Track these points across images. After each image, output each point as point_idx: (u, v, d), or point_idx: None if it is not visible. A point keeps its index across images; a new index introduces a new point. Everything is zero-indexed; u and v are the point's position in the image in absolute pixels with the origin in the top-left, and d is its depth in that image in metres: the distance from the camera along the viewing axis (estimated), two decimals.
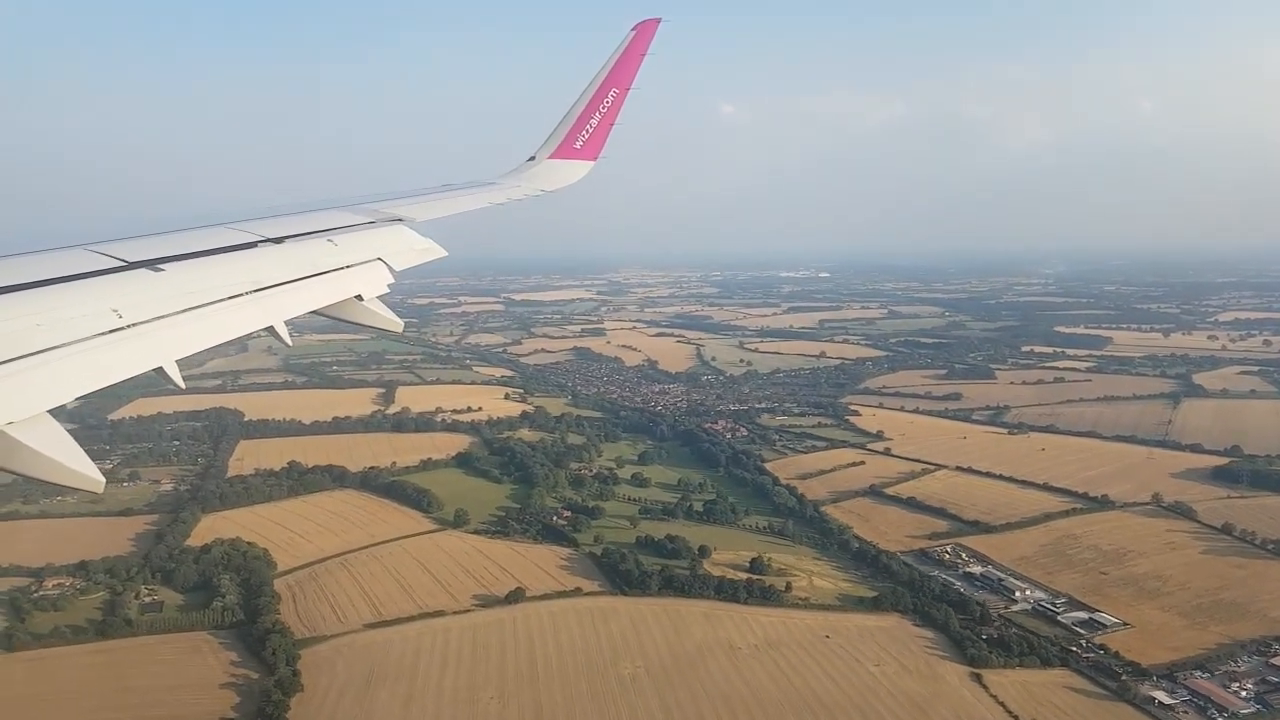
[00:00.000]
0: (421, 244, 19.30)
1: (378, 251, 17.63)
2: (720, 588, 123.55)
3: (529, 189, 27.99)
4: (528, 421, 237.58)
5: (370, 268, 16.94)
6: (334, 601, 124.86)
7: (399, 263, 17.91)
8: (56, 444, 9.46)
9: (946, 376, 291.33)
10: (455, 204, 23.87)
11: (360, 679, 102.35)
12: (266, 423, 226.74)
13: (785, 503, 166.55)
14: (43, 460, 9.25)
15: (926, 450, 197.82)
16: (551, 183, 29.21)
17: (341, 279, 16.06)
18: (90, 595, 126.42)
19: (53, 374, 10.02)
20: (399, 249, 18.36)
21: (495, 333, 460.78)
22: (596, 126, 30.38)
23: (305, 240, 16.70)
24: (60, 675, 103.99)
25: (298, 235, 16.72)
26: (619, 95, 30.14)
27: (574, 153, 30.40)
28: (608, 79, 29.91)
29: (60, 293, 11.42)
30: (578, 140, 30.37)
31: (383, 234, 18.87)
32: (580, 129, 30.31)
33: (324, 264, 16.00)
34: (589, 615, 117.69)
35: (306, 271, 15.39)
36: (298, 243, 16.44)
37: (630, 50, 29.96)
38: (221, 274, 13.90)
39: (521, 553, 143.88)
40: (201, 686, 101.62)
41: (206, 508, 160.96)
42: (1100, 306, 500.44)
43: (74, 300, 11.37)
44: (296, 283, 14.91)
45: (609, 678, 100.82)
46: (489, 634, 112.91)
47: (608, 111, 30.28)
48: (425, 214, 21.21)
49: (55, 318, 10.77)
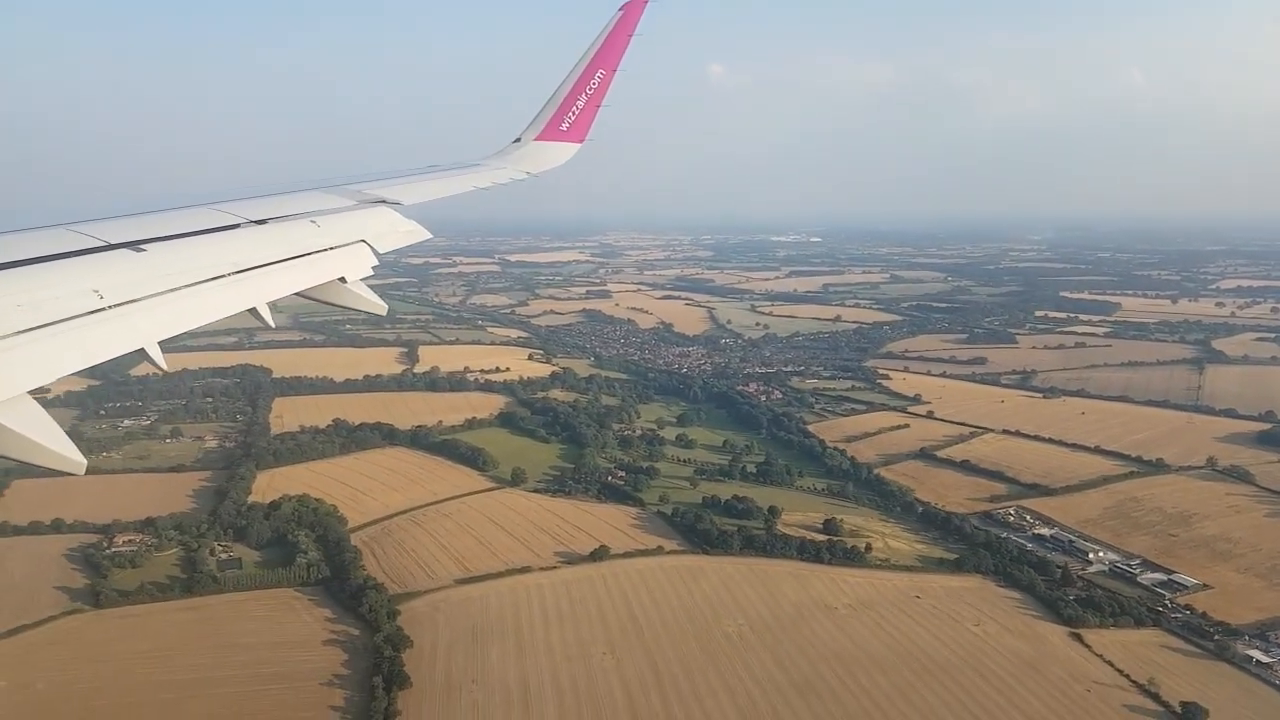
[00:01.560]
0: (405, 226, 19.22)
1: (361, 233, 17.50)
2: (802, 548, 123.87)
3: (514, 171, 27.78)
4: (558, 382, 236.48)
5: (354, 250, 16.82)
6: (417, 557, 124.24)
7: (383, 245, 17.78)
8: (36, 425, 9.37)
9: (967, 341, 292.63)
10: (440, 186, 23.63)
11: (464, 634, 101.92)
12: (299, 380, 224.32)
13: (838, 465, 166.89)
14: (23, 441, 9.13)
15: (967, 414, 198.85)
16: (537, 165, 28.97)
17: (325, 261, 15.93)
18: (165, 552, 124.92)
19: (33, 355, 9.89)
20: (383, 231, 18.25)
21: (499, 294, 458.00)
22: (583, 108, 29.97)
23: (288, 222, 16.49)
24: (157, 632, 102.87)
25: (281, 217, 16.51)
26: (606, 76, 29.74)
27: (560, 134, 30.02)
28: (594, 60, 29.46)
29: (40, 273, 11.19)
30: (564, 122, 29.97)
31: (366, 216, 18.74)
32: (567, 110, 29.91)
33: (307, 246, 15.86)
34: (676, 573, 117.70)
35: (289, 253, 15.21)
36: (280, 224, 16.21)
37: (617, 31, 29.48)
38: (204, 255, 13.74)
39: (589, 511, 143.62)
40: (304, 643, 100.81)
41: (261, 464, 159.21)
42: (1100, 273, 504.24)
43: (54, 281, 11.15)
44: (279, 264, 14.76)
45: (715, 635, 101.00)
46: (582, 590, 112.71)
47: (594, 93, 29.89)
48: (409, 196, 20.97)
49: (35, 298, 10.55)
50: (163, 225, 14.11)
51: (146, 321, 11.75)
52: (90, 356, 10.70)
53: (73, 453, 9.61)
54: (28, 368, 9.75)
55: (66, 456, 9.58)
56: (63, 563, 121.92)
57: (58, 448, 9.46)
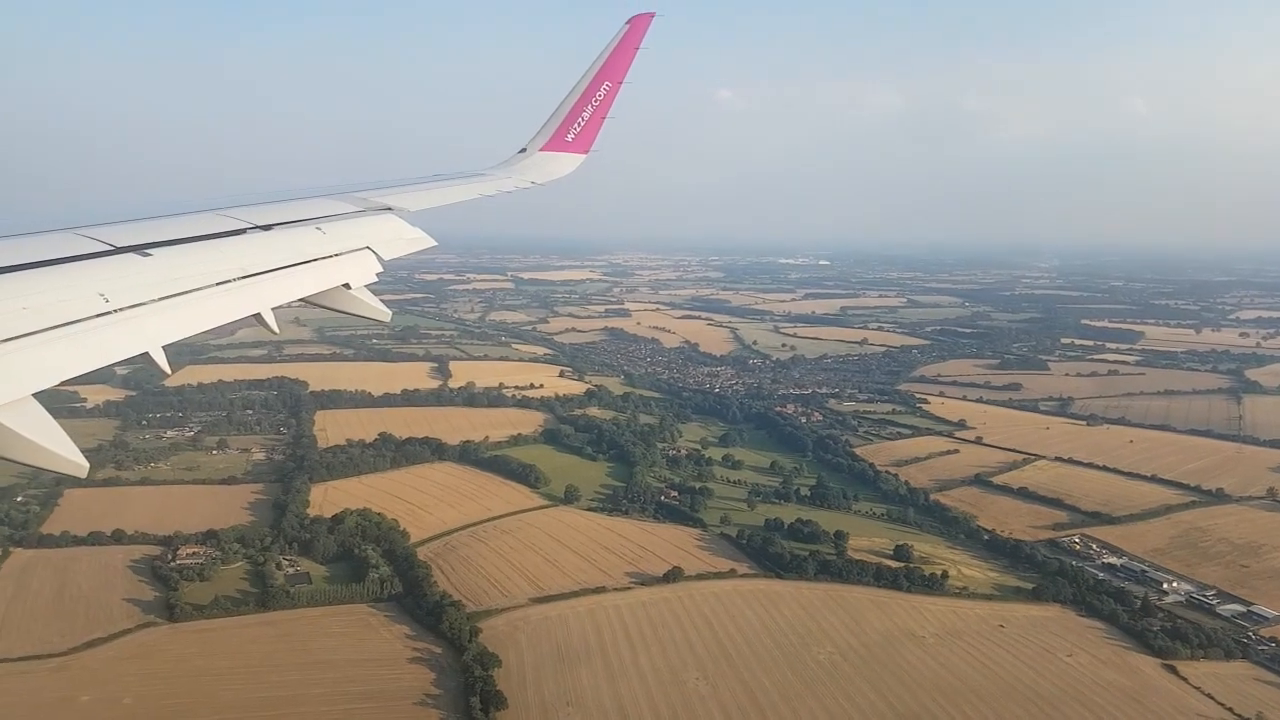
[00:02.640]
0: (411, 233, 19.16)
1: (367, 240, 17.49)
2: (879, 574, 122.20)
3: (520, 181, 27.65)
4: (594, 400, 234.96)
5: (359, 256, 16.83)
6: (486, 574, 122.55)
7: (388, 252, 17.75)
8: (40, 428, 9.36)
9: (999, 366, 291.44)
10: (445, 194, 23.52)
11: (549, 655, 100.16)
12: (338, 393, 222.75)
13: (894, 490, 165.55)
14: (27, 444, 9.13)
15: (1014, 440, 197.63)
16: (542, 175, 28.87)
17: (330, 267, 15.90)
18: (231, 565, 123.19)
19: (38, 358, 9.87)
20: (388, 238, 18.23)
21: (517, 310, 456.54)
22: (589, 120, 30.02)
23: (294, 228, 16.51)
24: (236, 647, 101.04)
25: (287, 223, 16.52)
26: (612, 89, 29.79)
27: (566, 145, 30.05)
28: (601, 72, 29.51)
29: (46, 276, 11.19)
30: (570, 133, 30.01)
31: (372, 223, 18.72)
32: (572, 122, 29.96)
33: (312, 252, 15.83)
34: (754, 598, 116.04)
35: (295, 259, 15.23)
36: (286, 230, 16.23)
37: (624, 44, 29.59)
38: (210, 260, 13.73)
39: (650, 531, 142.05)
40: (389, 661, 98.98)
41: (314, 477, 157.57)
42: (1116, 301, 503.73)
43: (60, 284, 11.15)
44: (284, 270, 14.75)
45: (807, 662, 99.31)
46: (660, 613, 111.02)
47: (600, 105, 29.94)
48: (415, 203, 20.97)
49: (41, 301, 10.55)
50: (169, 230, 14.08)
51: (152, 325, 11.70)
52: (95, 360, 10.59)
53: (75, 455, 9.55)
54: (33, 370, 9.70)
55: (69, 459, 9.53)
56: (128, 574, 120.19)
57: (61, 450, 9.43)
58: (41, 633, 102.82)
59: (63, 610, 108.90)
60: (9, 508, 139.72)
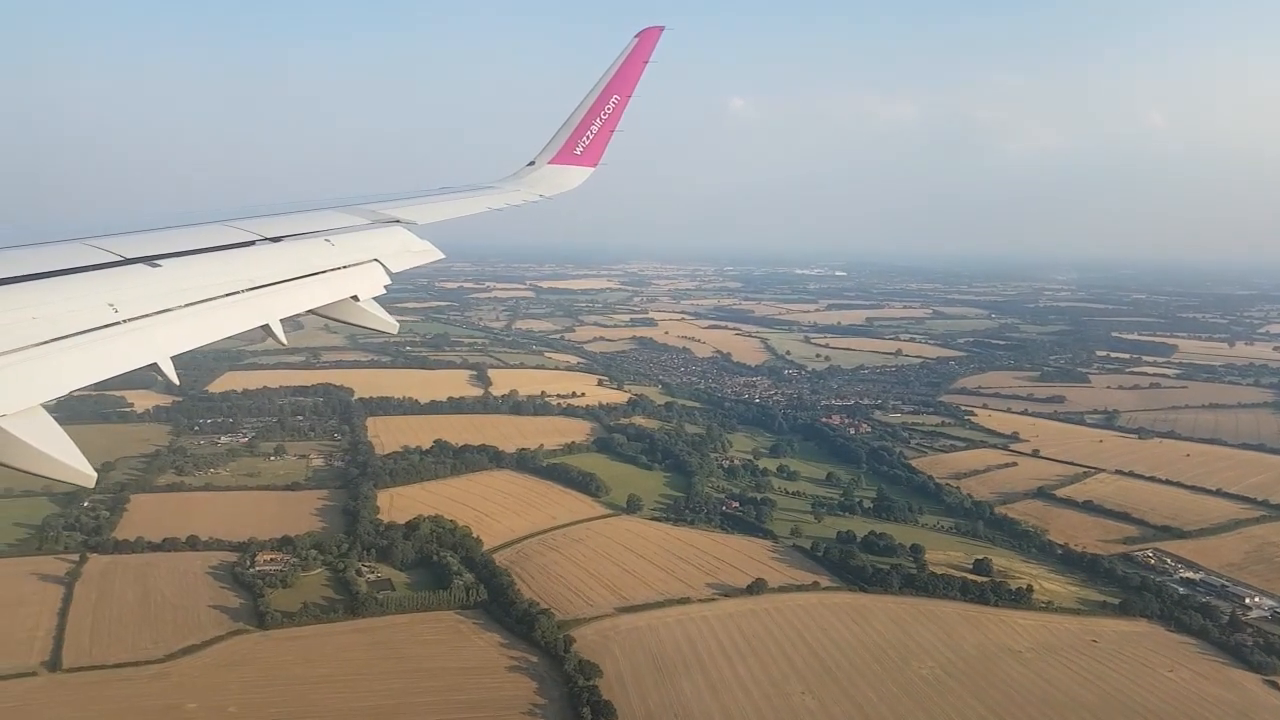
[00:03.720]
0: (419, 246, 19.22)
1: (375, 253, 17.56)
2: (965, 588, 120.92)
3: (528, 194, 27.83)
4: (638, 409, 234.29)
5: (367, 269, 16.92)
6: (566, 583, 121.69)
7: (396, 264, 17.85)
8: (49, 438, 9.38)
9: (1040, 379, 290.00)
10: (453, 207, 23.60)
11: (646, 665, 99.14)
12: (387, 400, 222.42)
13: (957, 503, 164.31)
14: (35, 454, 9.17)
15: (1070, 453, 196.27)
16: (551, 188, 29.07)
17: (338, 279, 16.01)
18: (311, 571, 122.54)
19: (47, 367, 9.92)
20: (396, 251, 18.32)
21: (541, 319, 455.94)
22: (597, 133, 30.15)
23: (303, 240, 16.58)
24: (332, 655, 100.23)
25: (295, 235, 16.60)
26: (620, 102, 29.92)
27: (574, 159, 30.21)
28: (609, 86, 29.61)
29: (57, 286, 11.25)
30: (578, 146, 30.15)
31: (380, 235, 18.81)
32: (581, 135, 30.09)
33: (321, 264, 15.93)
34: (842, 611, 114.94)
35: (303, 271, 15.32)
36: (295, 242, 16.31)
37: (633, 58, 29.66)
38: (219, 271, 13.83)
39: (720, 541, 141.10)
40: (488, 670, 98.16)
41: (378, 484, 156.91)
42: (1142, 314, 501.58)
43: (70, 294, 11.22)
44: (293, 282, 14.85)
45: (910, 678, 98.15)
46: (750, 625, 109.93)
47: (609, 118, 30.05)
48: (423, 216, 21.01)
49: (51, 311, 10.61)
50: (179, 241, 14.18)
51: (161, 336, 11.73)
52: (104, 370, 10.64)
53: (83, 466, 9.54)
54: (42, 380, 9.76)
55: (78, 470, 9.51)
56: (208, 580, 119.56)
57: (69, 460, 9.41)
58: (133, 639, 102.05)
59: (150, 616, 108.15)
60: (79, 513, 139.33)
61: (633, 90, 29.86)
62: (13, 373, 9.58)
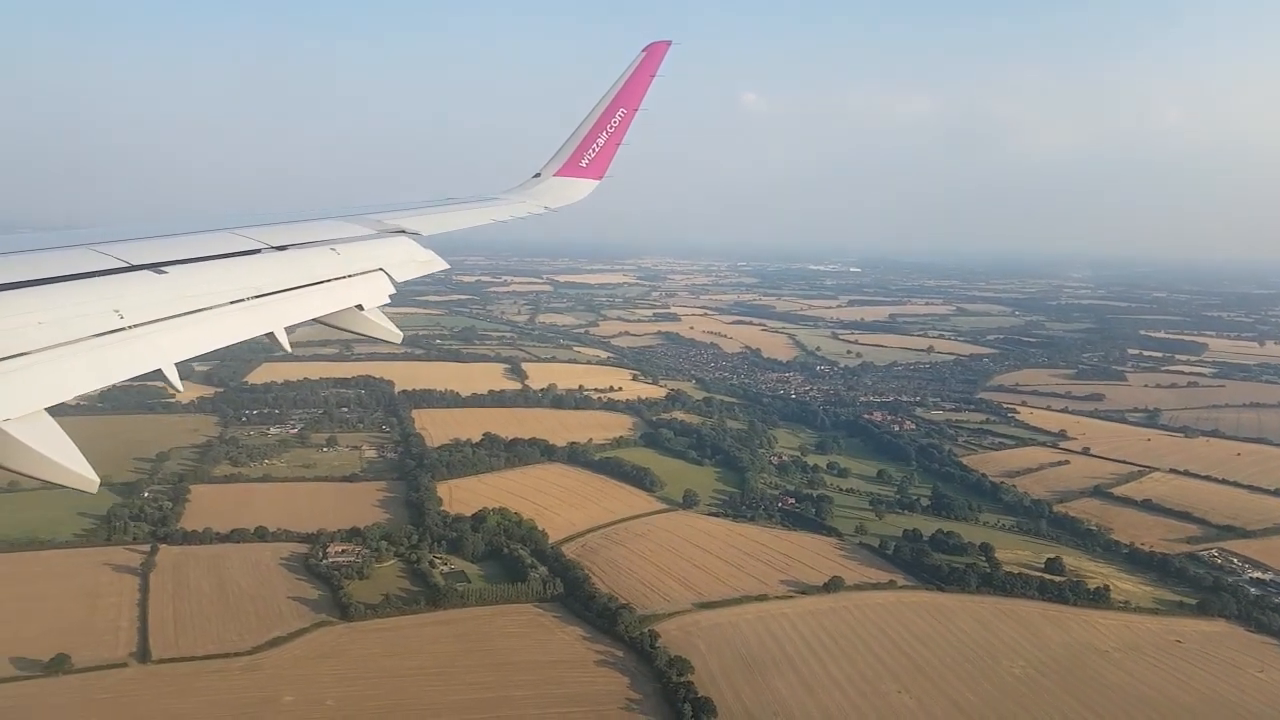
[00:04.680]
0: (423, 255, 19.40)
1: (380, 262, 17.71)
2: (1043, 588, 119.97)
3: (533, 206, 28.05)
4: (677, 404, 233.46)
5: (372, 278, 17.05)
6: (638, 577, 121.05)
7: (401, 274, 17.99)
8: (53, 442, 9.43)
9: (1076, 377, 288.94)
10: (458, 218, 23.80)
11: (734, 662, 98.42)
12: (429, 393, 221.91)
13: (1015, 501, 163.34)
14: (39, 458, 9.22)
15: (1120, 451, 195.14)
16: (556, 200, 29.19)
17: (343, 288, 16.10)
18: (384, 562, 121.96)
19: (52, 372, 9.96)
20: (401, 260, 18.48)
21: (563, 314, 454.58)
22: (603, 146, 30.38)
23: (308, 249, 16.70)
24: (419, 647, 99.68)
25: (301, 244, 16.73)
26: (627, 115, 30.15)
27: (580, 171, 30.38)
28: (616, 99, 29.81)
29: (63, 292, 11.34)
30: (584, 159, 30.35)
31: (385, 245, 18.99)
32: (587, 147, 30.32)
33: (326, 273, 16.06)
34: (922, 610, 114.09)
35: (308, 279, 15.45)
36: (301, 251, 16.43)
37: (640, 71, 29.87)
38: (224, 279, 13.89)
39: (784, 538, 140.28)
40: (577, 664, 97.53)
41: (436, 476, 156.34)
42: (1165, 312, 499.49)
43: (76, 299, 11.29)
44: (298, 290, 14.96)
45: (1003, 676, 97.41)
46: (832, 622, 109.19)
47: (615, 131, 30.27)
48: (428, 227, 21.20)
49: (57, 316, 10.69)
50: (185, 248, 14.27)
51: (166, 342, 11.75)
52: (109, 375, 10.69)
53: (87, 471, 9.56)
54: (47, 385, 9.79)
55: (82, 475, 9.53)
56: (282, 572, 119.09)
57: (73, 466, 9.46)
58: (218, 631, 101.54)
59: (230, 608, 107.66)
60: (142, 504, 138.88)
61: (639, 104, 30.08)
62: (18, 377, 9.60)
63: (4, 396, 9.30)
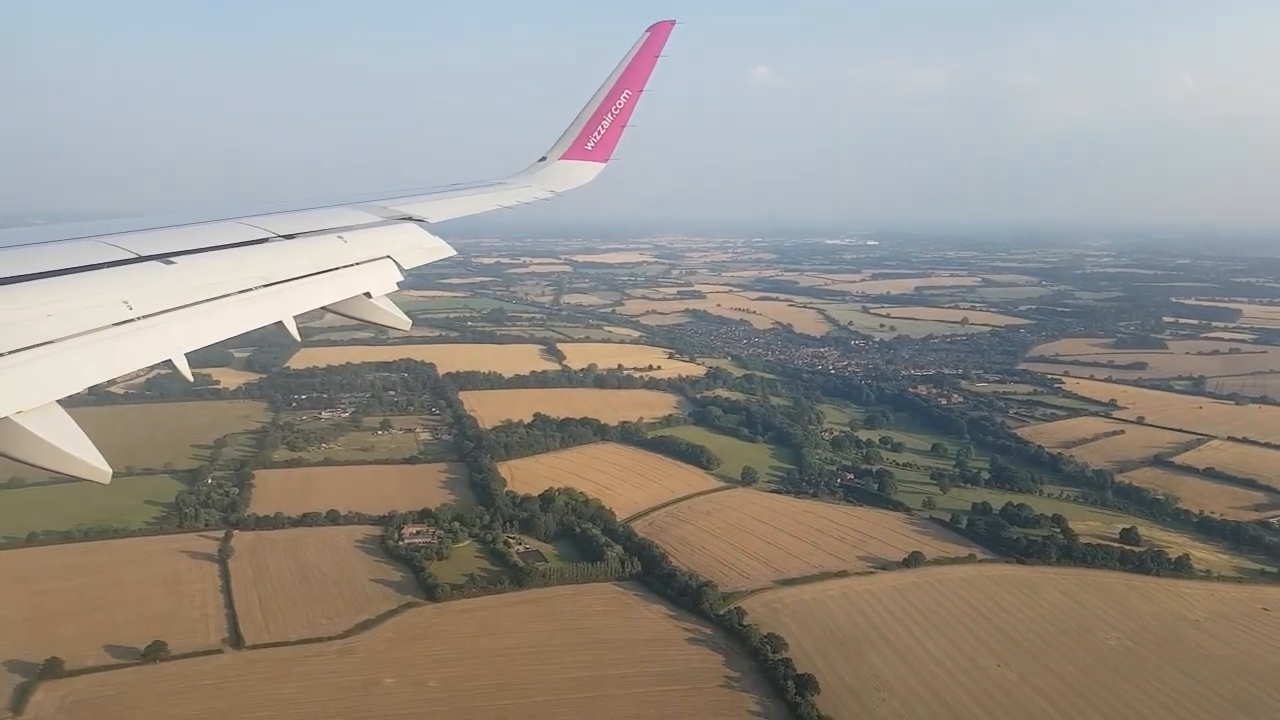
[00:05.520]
0: (431, 242, 19.27)
1: (387, 249, 17.64)
2: (1123, 558, 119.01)
3: (539, 190, 27.83)
4: (719, 382, 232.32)
5: (379, 265, 16.99)
6: (712, 555, 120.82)
7: (408, 261, 17.95)
8: (64, 434, 9.38)
9: (1115, 346, 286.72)
10: (465, 204, 23.65)
11: (826, 639, 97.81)
12: (473, 375, 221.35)
13: (1077, 472, 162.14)
14: (51, 450, 9.17)
15: (1173, 419, 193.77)
16: (562, 184, 28.95)
17: (351, 276, 16.07)
18: (460, 543, 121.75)
19: (62, 364, 9.92)
20: (408, 247, 18.41)
21: (588, 294, 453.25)
22: (608, 128, 29.97)
23: (316, 237, 16.60)
24: (512, 627, 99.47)
25: (308, 232, 16.62)
26: (632, 97, 29.71)
27: (585, 154, 30.05)
28: (621, 80, 29.36)
29: (72, 283, 11.28)
30: (589, 141, 29.98)
31: (392, 232, 18.90)
32: (592, 130, 29.92)
33: (334, 261, 16.01)
34: (1007, 583, 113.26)
35: (316, 268, 15.38)
36: (308, 239, 16.33)
37: (644, 52, 29.37)
38: (232, 268, 13.80)
39: (851, 514, 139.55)
40: (668, 641, 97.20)
41: (495, 457, 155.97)
42: (1193, 279, 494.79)
43: (85, 291, 11.25)
44: (306, 279, 14.89)
45: (1099, 648, 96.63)
46: (920, 598, 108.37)
47: (620, 113, 29.84)
48: (435, 213, 21.06)
49: (66, 308, 10.65)
50: (193, 238, 14.24)
51: (175, 333, 11.71)
52: (119, 367, 10.62)
53: (99, 462, 9.52)
54: (58, 377, 9.77)
55: (94, 466, 9.48)
56: (360, 554, 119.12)
57: (85, 457, 9.41)
58: (306, 615, 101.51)
59: (314, 592, 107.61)
60: (209, 491, 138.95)
61: (644, 85, 29.60)
62: (28, 369, 9.55)
63: (15, 389, 9.28)
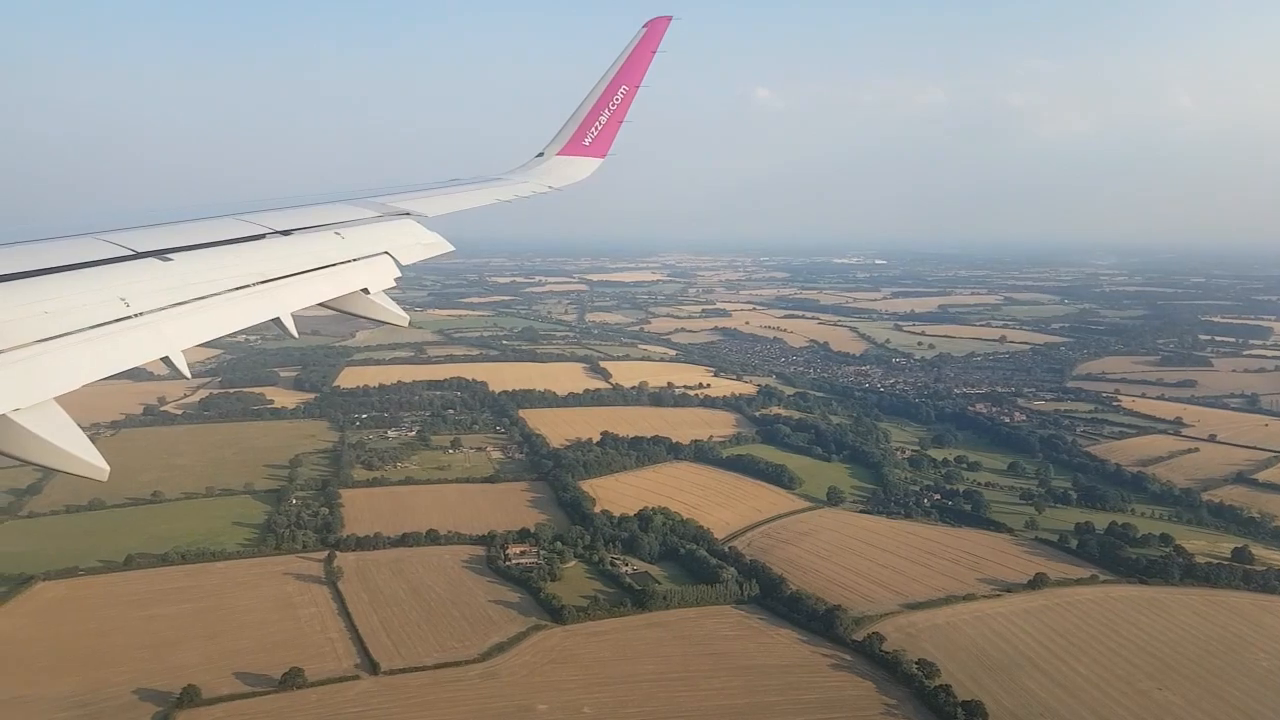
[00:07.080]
0: (428, 238, 19.06)
1: (385, 245, 17.46)
2: (1247, 577, 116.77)
3: (537, 185, 27.58)
4: (772, 400, 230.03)
5: (377, 261, 16.83)
6: (825, 578, 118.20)
7: (406, 257, 17.74)
8: (62, 431, 9.28)
9: (1160, 363, 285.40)
10: (462, 199, 23.36)
11: (973, 664, 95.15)
12: (529, 393, 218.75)
13: (1163, 490, 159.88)
14: (49, 447, 9.06)
15: (1243, 437, 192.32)
16: (560, 179, 28.74)
17: (348, 272, 15.92)
18: (568, 563, 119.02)
19: (60, 361, 9.85)
20: (406, 243, 18.19)
21: (612, 312, 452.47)
22: (606, 124, 29.84)
23: (312, 233, 16.48)
24: (646, 650, 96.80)
25: (305, 228, 16.52)
26: (629, 92, 29.60)
27: (583, 150, 29.88)
28: (618, 76, 29.20)
29: (69, 281, 11.18)
30: (586, 137, 29.83)
31: (390, 228, 18.67)
32: (589, 126, 29.77)
33: (331, 257, 15.89)
34: (1136, 605, 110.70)
35: (313, 264, 15.27)
36: (305, 235, 16.21)
37: (641, 47, 29.24)
38: (229, 265, 13.72)
39: (955, 535, 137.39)
40: (811, 668, 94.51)
41: (574, 475, 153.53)
42: (1213, 297, 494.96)
43: (83, 288, 11.16)
44: (303, 275, 14.78)
45: (1253, 669, 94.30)
46: (1057, 620, 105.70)
47: (617, 109, 29.73)
48: (432, 209, 20.80)
49: (63, 305, 10.56)
50: (189, 235, 14.08)
51: (172, 329, 11.62)
52: (116, 364, 10.53)
53: (96, 459, 9.33)
54: (55, 374, 9.66)
55: (91, 463, 9.29)
56: (469, 574, 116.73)
57: (83, 454, 9.26)
58: (434, 638, 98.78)
59: (435, 614, 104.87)
60: (298, 511, 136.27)
61: (641, 80, 29.32)
62: (26, 366, 9.42)
63: (12, 386, 9.10)
